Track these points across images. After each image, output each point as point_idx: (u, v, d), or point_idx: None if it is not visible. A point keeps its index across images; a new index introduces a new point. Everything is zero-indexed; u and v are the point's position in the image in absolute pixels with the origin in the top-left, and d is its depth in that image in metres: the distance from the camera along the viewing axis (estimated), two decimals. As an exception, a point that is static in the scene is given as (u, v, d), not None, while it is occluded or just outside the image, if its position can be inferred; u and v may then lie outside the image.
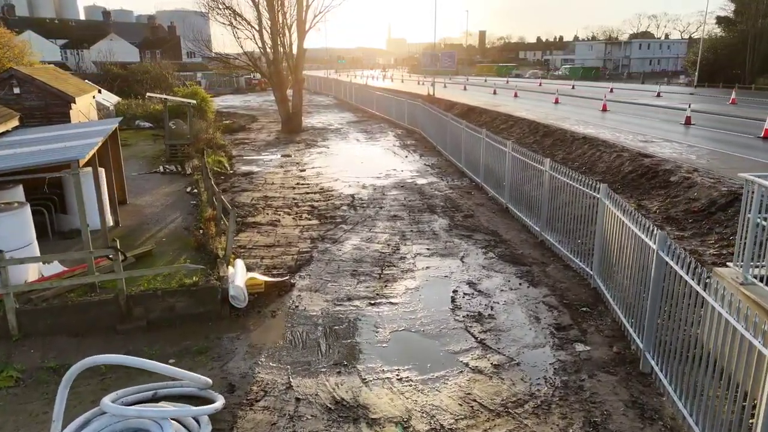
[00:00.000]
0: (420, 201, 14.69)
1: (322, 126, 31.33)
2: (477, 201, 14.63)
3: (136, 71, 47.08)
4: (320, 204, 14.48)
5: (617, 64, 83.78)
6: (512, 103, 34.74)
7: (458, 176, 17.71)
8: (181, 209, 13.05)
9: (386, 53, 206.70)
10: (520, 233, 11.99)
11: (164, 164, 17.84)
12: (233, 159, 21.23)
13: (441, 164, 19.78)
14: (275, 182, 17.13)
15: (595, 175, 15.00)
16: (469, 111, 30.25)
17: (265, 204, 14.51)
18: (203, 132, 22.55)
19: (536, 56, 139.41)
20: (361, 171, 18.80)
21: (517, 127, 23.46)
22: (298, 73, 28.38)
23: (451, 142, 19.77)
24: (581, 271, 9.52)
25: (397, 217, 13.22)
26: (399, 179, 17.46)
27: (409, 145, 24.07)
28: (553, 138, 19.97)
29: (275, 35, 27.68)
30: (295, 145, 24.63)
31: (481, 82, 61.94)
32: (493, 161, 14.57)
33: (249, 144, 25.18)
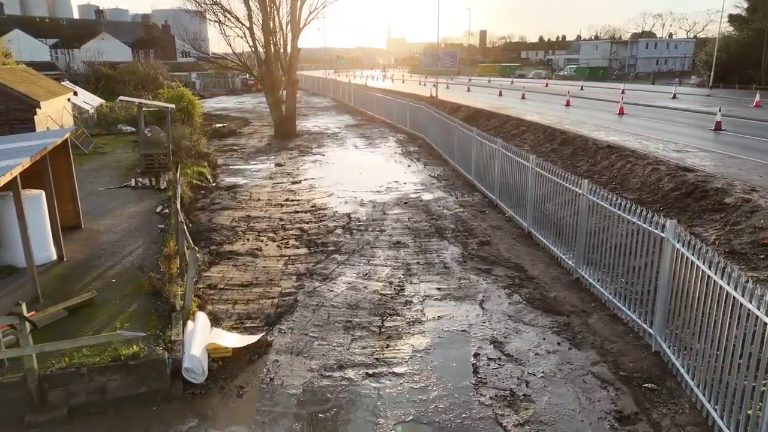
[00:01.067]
0: (426, 222, 12.68)
1: (318, 130, 29.31)
2: (493, 223, 12.61)
3: (126, 71, 45.21)
4: (311, 226, 12.47)
5: (623, 63, 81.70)
6: (520, 105, 32.73)
7: (468, 190, 15.71)
8: (145, 236, 11.04)
9: (386, 53, 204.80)
10: (548, 267, 9.98)
11: (137, 177, 15.84)
12: (218, 169, 19.22)
13: (448, 175, 17.77)
14: (261, 198, 15.12)
15: (629, 193, 12.99)
16: (476, 114, 28.23)
17: (246, 227, 12.50)
18: (186, 139, 20.54)
19: (538, 56, 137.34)
20: (359, 183, 16.80)
21: (530, 133, 21.45)
22: (292, 73, 26.37)
23: (459, 150, 17.78)
24: (636, 326, 7.52)
25: (401, 244, 11.22)
26: (402, 194, 15.46)
27: (412, 153, 22.06)
28: (573, 146, 17.96)
29: (267, 33, 25.68)
30: (288, 153, 22.62)
31: (485, 82, 59.87)
32: (512, 176, 12.57)
33: (238, 151, 23.17)
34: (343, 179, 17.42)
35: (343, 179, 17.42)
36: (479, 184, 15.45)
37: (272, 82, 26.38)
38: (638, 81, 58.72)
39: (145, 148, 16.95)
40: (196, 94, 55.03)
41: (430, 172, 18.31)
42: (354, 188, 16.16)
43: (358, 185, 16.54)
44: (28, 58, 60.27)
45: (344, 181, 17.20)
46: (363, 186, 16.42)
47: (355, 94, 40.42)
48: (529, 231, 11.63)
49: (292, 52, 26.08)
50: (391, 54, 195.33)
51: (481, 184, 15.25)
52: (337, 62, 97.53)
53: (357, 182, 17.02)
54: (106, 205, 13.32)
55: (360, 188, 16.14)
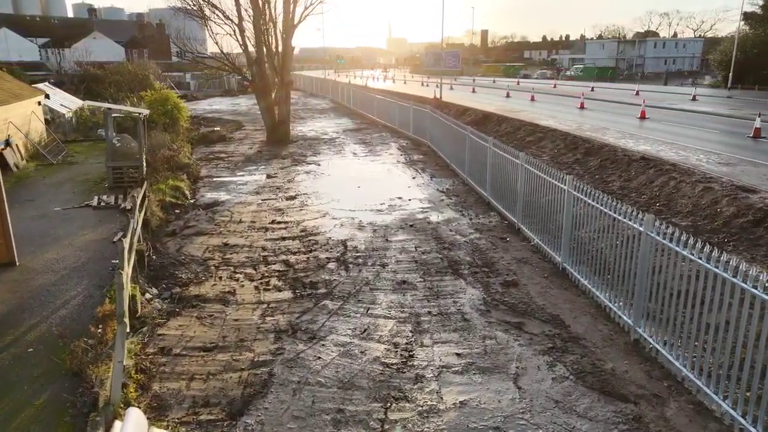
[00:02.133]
0: (437, 253, 10.60)
1: (314, 135, 27.23)
2: (517, 254, 10.53)
3: (115, 71, 43.15)
4: (299, 259, 10.39)
5: (630, 63, 79.53)
6: (531, 108, 30.65)
7: (483, 209, 13.63)
8: (91, 277, 8.98)
9: (387, 53, 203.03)
10: (595, 321, 7.89)
11: (101, 194, 13.77)
12: (199, 182, 17.15)
13: (458, 190, 15.70)
14: (244, 219, 13.04)
15: (679, 218, 10.90)
16: (485, 119, 26.16)
17: (221, 259, 10.42)
18: (165, 147, 18.48)
19: (541, 56, 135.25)
20: (358, 200, 14.73)
21: (548, 141, 19.37)
22: (285, 74, 24.29)
23: (471, 161, 15.69)
24: (737, 425, 5.43)
25: (407, 285, 9.14)
26: (407, 214, 13.38)
27: (417, 162, 19.98)
28: (599, 157, 15.87)
29: (259, 31, 23.61)
30: (280, 162, 20.54)
31: (489, 83, 57.77)
32: (539, 196, 10.49)
33: (225, 159, 21.09)
34: (340, 195, 15.36)
35: (340, 195, 15.36)
36: (496, 202, 13.37)
37: (264, 83, 24.31)
38: (648, 81, 56.60)
39: (114, 159, 14.88)
40: (190, 95, 53.35)
41: (438, 186, 16.23)
42: (352, 206, 14.09)
43: (356, 202, 14.47)
44: (16, 57, 58.33)
45: (341, 197, 15.14)
46: (362, 203, 14.36)
47: (355, 95, 38.35)
48: (564, 267, 9.55)
49: (285, 52, 24.01)
50: (391, 54, 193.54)
51: (499, 203, 13.17)
52: (337, 62, 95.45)
53: (355, 198, 14.96)
54: (56, 231, 11.24)
55: (359, 206, 14.07)
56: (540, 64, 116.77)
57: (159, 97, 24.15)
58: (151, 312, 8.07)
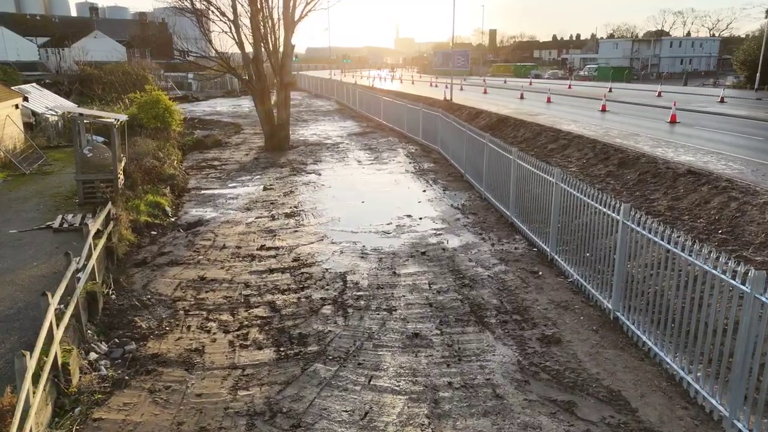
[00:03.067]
0: (456, 292, 8.73)
1: (316, 140, 25.42)
2: (554, 295, 8.63)
3: (112, 71, 41.58)
4: (287, 300, 8.55)
5: (645, 63, 77.09)
6: (548, 110, 28.68)
7: (507, 232, 11.74)
8: (22, 330, 7.18)
9: (394, 52, 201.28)
10: (671, 402, 5.99)
11: (67, 213, 11.99)
12: (185, 195, 15.37)
13: (475, 206, 13.81)
14: (228, 244, 11.22)
15: (752, 250, 8.96)
16: (501, 123, 24.23)
17: (194, 299, 8.60)
18: (150, 156, 16.72)
19: (551, 55, 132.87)
20: (361, 218, 12.90)
21: (574, 149, 17.42)
22: (285, 75, 22.48)
23: (490, 173, 13.81)
24: None
25: (420, 340, 7.29)
26: (417, 237, 11.52)
27: (427, 171, 18.11)
28: (637, 169, 13.93)
29: (256, 29, 21.82)
30: (277, 171, 18.73)
31: (500, 83, 55.72)
32: (579, 221, 8.61)
33: (217, 168, 19.32)
34: (341, 212, 13.52)
35: (341, 212, 13.52)
36: (522, 224, 11.47)
37: (262, 85, 22.52)
38: (666, 82, 54.31)
39: (84, 172, 13.11)
40: (191, 95, 51.70)
41: (452, 201, 14.36)
42: (354, 226, 12.25)
43: (359, 221, 12.63)
44: (14, 56, 56.96)
45: (342, 214, 13.30)
46: (366, 222, 12.51)
47: (361, 96, 36.50)
48: (617, 317, 7.65)
49: (285, 50, 22.20)
50: (399, 53, 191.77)
51: (525, 225, 11.27)
52: (343, 62, 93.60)
53: (358, 216, 13.12)
54: (1, 261, 9.46)
55: (362, 226, 12.23)
56: (551, 63, 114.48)
57: (149, 99, 22.42)
58: (92, 382, 6.27)
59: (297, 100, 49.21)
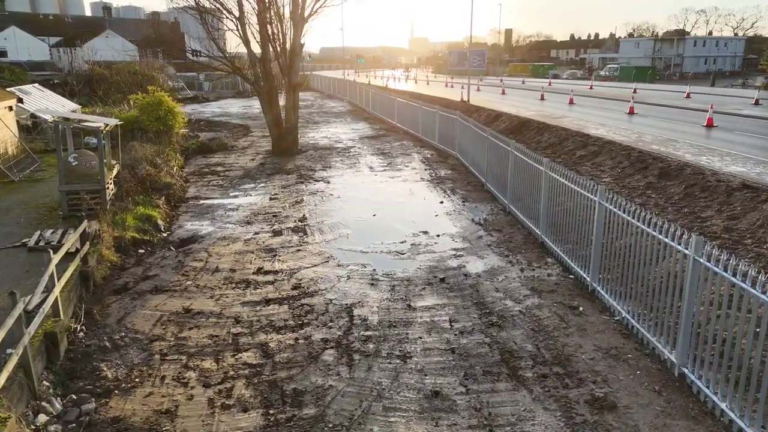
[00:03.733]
0: (482, 333, 7.37)
1: (326, 143, 24.16)
2: (601, 339, 7.22)
3: (120, 71, 40.77)
4: (283, 341, 7.26)
5: (668, 63, 74.74)
6: (571, 113, 27.14)
7: (537, 253, 10.34)
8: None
9: (408, 52, 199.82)
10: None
11: (45, 229, 10.81)
12: (182, 206, 14.17)
13: (499, 221, 12.43)
14: (222, 266, 9.97)
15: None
16: (522, 126, 22.77)
17: (174, 339, 7.34)
18: (147, 162, 15.56)
19: (569, 55, 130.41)
20: (372, 235, 11.59)
21: (606, 156, 15.93)
22: (294, 75, 21.24)
23: (516, 184, 12.42)
24: None
25: (441, 400, 5.95)
26: (435, 259, 10.17)
27: (445, 180, 16.74)
28: (681, 181, 12.43)
29: (264, 26, 20.61)
30: (283, 178, 17.48)
31: (518, 83, 54.03)
32: (625, 245, 7.21)
33: (221, 174, 18.13)
34: (350, 226, 12.22)
35: (350, 226, 12.22)
36: (555, 245, 10.06)
37: (269, 86, 21.31)
38: (690, 82, 52.20)
39: (69, 182, 11.95)
40: (201, 96, 50.82)
41: (473, 214, 12.98)
42: (364, 245, 10.94)
43: (370, 238, 11.31)
44: (25, 56, 56.64)
45: (351, 229, 12.00)
46: (377, 240, 11.19)
47: (374, 97, 35.18)
48: (683, 373, 6.24)
49: (293, 49, 20.95)
50: (413, 53, 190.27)
51: (559, 247, 9.87)
52: (357, 61, 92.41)
53: (369, 232, 11.81)
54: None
55: (373, 245, 10.92)
56: (568, 63, 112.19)
57: (151, 101, 21.30)
58: (32, 460, 5.02)
59: (309, 100, 48.07)
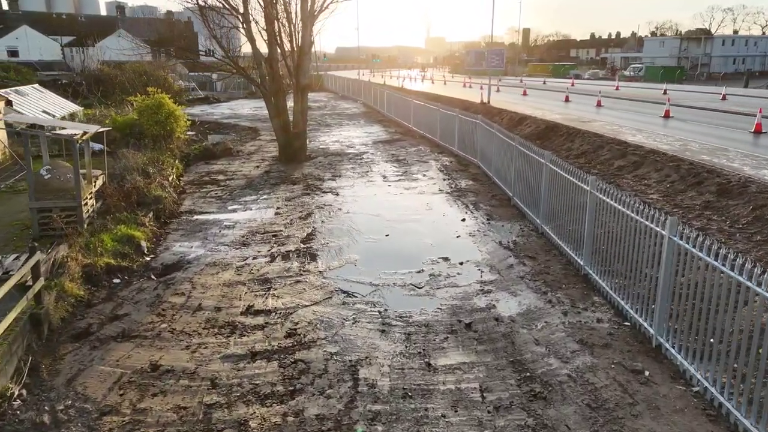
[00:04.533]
0: (523, 411, 5.72)
1: (337, 149, 22.61)
2: (678, 424, 5.52)
3: (130, 71, 39.75)
4: (266, 419, 5.68)
5: (695, 62, 71.96)
6: (601, 116, 25.26)
7: (581, 289, 8.65)
8: None
9: (425, 52, 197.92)
10: None
11: (6, 254, 9.38)
12: (173, 222, 12.71)
13: (531, 245, 10.74)
14: (206, 303, 8.44)
15: None
16: (549, 131, 20.99)
17: (129, 415, 5.80)
18: (137, 172, 14.15)
19: (589, 54, 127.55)
20: (385, 261, 10.00)
21: (649, 167, 14.13)
22: (302, 76, 19.70)
23: (551, 201, 10.73)
24: None
25: None
26: (459, 295, 8.54)
27: (466, 192, 15.08)
28: (748, 201, 10.61)
29: (270, 23, 19.12)
30: (288, 188, 15.96)
31: (539, 84, 51.96)
32: (705, 288, 5.52)
33: (221, 184, 16.67)
34: (359, 251, 10.63)
35: (359, 251, 10.63)
36: (602, 279, 8.35)
37: (276, 87, 19.81)
38: (720, 82, 49.74)
39: (40, 198, 10.52)
40: (212, 97, 49.64)
41: (501, 235, 11.31)
42: (375, 275, 9.35)
43: (382, 267, 9.72)
44: (37, 56, 56.06)
45: (360, 254, 10.41)
46: (390, 269, 9.59)
47: (389, 99, 33.56)
48: (807, 490, 4.53)
49: (301, 48, 19.42)
50: (429, 53, 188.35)
51: (607, 282, 8.16)
52: (373, 61, 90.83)
53: (381, 258, 10.22)
54: None
55: (385, 275, 9.32)
56: (589, 63, 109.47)
57: (151, 103, 19.94)
58: None
59: (322, 101, 46.65)
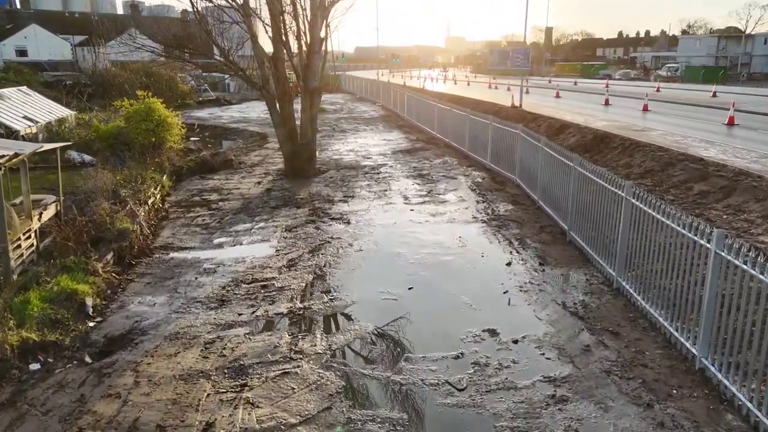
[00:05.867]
0: None
1: (352, 160, 19.91)
2: None
3: (131, 71, 37.67)
4: None
5: (734, 62, 67.72)
6: (654, 123, 22.12)
7: (701, 398, 5.77)
8: None
9: (445, 51, 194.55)
10: None
11: None
12: (141, 264, 10.09)
13: (608, 308, 7.86)
14: (146, 417, 5.73)
15: None
16: (599, 142, 17.97)
17: None
18: (104, 194, 11.60)
19: (616, 54, 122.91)
20: (407, 335, 7.25)
21: (746, 196, 11.10)
22: (311, 77, 17.01)
23: (636, 246, 7.85)
24: None
25: None
26: (518, 405, 5.72)
27: (507, 220, 12.21)
28: None
29: (275, 16, 16.49)
30: (290, 213, 13.27)
31: (571, 85, 48.57)
32: None
33: (212, 206, 14.07)
34: (372, 316, 7.86)
35: (372, 316, 7.86)
36: (734, 386, 5.47)
37: (281, 91, 17.17)
38: (762, 83, 45.93)
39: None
40: (222, 98, 47.35)
41: (561, 291, 8.46)
42: (394, 364, 6.58)
43: (403, 344, 6.96)
44: (46, 56, 54.50)
45: (373, 323, 7.64)
46: (417, 350, 6.84)
47: (409, 102, 30.74)
48: None
49: (311, 46, 16.73)
50: (450, 52, 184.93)
51: (745, 394, 5.27)
52: (392, 61, 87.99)
53: (402, 331, 7.44)
54: None
55: (409, 364, 6.54)
56: (617, 63, 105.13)
57: (140, 108, 17.46)
58: None
59: (339, 103, 44.06)
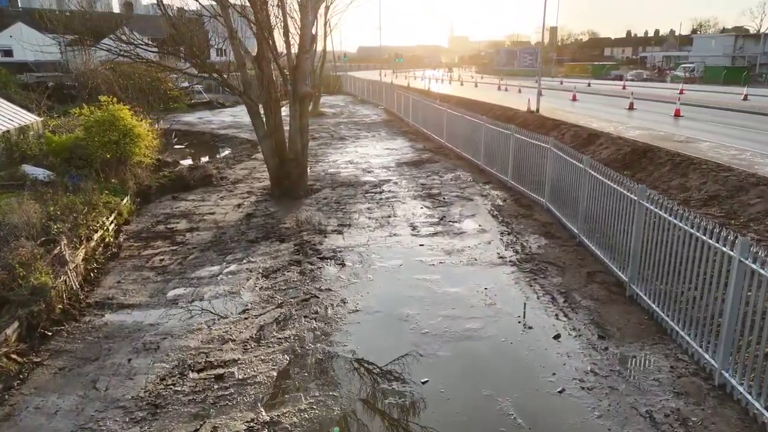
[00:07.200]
0: None
1: (350, 174, 17.32)
2: None
3: (126, 72, 35.14)
4: None
5: (752, 62, 64.88)
6: (694, 132, 19.43)
7: None
8: None
9: (448, 51, 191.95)
10: None
11: None
12: (59, 335, 7.53)
13: (715, 422, 5.26)
14: None
15: None
16: (640, 157, 15.30)
17: None
18: (27, 234, 9.04)
19: (625, 54, 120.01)
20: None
21: None
22: (300, 81, 14.44)
23: (738, 315, 5.23)
24: None
25: None
26: None
27: (543, 263, 9.61)
28: None
29: (258, 10, 13.95)
30: (272, 250, 10.68)
31: (584, 86, 45.78)
32: None
33: (179, 239, 11.50)
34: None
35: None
36: None
37: (268, 95, 14.61)
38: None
39: None
40: (215, 101, 44.80)
41: (639, 388, 5.86)
42: None
43: None
44: (32, 56, 52.02)
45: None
46: None
47: (415, 105, 28.10)
48: None
49: (301, 45, 14.17)
50: (453, 52, 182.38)
51: None
52: (395, 61, 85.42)
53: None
54: None
55: None
56: (626, 63, 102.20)
57: (102, 117, 14.91)
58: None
59: (339, 106, 41.48)
